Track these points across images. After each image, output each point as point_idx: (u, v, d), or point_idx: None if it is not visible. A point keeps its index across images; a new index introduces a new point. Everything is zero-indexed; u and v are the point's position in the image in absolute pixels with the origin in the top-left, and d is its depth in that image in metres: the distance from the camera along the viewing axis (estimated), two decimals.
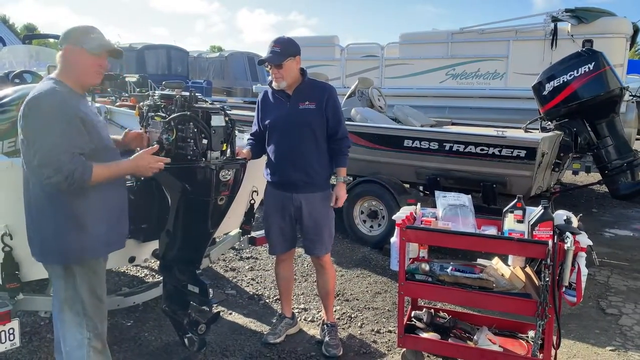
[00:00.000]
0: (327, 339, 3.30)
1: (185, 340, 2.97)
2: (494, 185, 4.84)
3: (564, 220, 2.73)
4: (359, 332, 3.59)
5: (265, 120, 3.17)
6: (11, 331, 2.45)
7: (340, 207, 3.21)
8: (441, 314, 3.23)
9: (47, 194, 2.14)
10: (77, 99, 2.22)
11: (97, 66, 2.28)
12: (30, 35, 14.56)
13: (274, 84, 3.11)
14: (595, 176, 6.30)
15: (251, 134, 3.31)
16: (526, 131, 5.49)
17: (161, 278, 3.15)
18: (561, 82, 5.05)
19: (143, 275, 4.51)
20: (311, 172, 3.12)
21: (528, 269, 2.97)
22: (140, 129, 2.74)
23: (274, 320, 3.54)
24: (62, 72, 2.25)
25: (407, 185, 5.54)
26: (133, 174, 2.33)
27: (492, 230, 2.97)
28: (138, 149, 2.56)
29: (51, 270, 2.28)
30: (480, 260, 3.11)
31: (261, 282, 4.43)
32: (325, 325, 3.40)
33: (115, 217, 2.34)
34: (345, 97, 6.74)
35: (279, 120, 3.11)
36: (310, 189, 3.14)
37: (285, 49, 3.02)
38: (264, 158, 3.27)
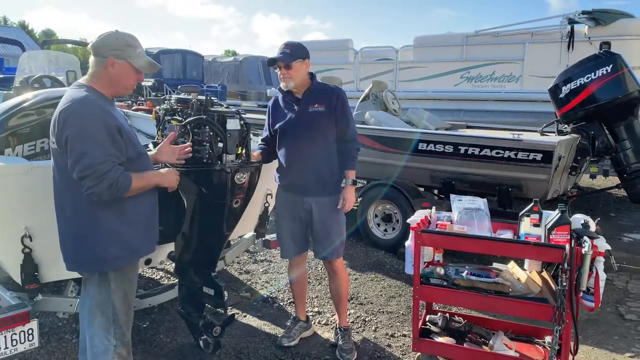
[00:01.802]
0: (340, 343, 3.29)
1: (201, 342, 3.00)
2: (510, 189, 4.80)
3: (582, 225, 2.70)
4: (373, 336, 3.58)
5: (275, 125, 3.19)
6: (30, 331, 2.49)
7: (348, 210, 3.19)
8: (456, 318, 3.20)
9: (79, 202, 2.13)
10: (110, 107, 2.21)
11: (137, 81, 2.30)
12: (48, 40, 14.83)
13: (282, 85, 3.12)
14: (614, 180, 6.20)
15: (262, 139, 3.33)
16: (542, 134, 5.43)
17: (177, 280, 3.18)
18: (578, 84, 4.98)
19: (159, 277, 4.55)
20: (321, 175, 3.12)
21: (545, 274, 2.94)
22: (157, 134, 2.78)
23: (288, 323, 3.55)
24: (98, 79, 2.22)
25: (421, 189, 5.52)
26: (164, 185, 2.37)
27: (508, 234, 2.95)
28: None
29: (87, 275, 2.29)
30: (496, 265, 3.09)
31: (275, 284, 4.44)
32: (338, 330, 3.39)
33: (146, 223, 2.34)
34: (359, 100, 6.75)
35: (288, 124, 3.13)
36: (320, 192, 3.14)
37: (295, 51, 3.05)
38: (277, 160, 3.29)
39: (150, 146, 2.71)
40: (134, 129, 2.49)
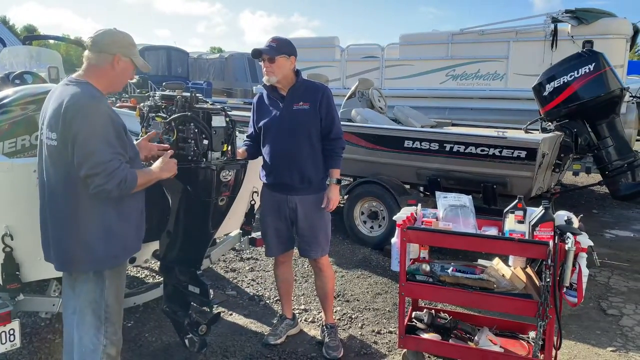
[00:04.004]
0: (327, 340, 3.30)
1: (186, 341, 2.97)
2: (495, 186, 4.84)
3: (565, 221, 2.73)
4: (359, 332, 3.59)
5: (260, 122, 3.17)
6: (11, 332, 2.45)
7: (332, 210, 3.18)
8: (442, 314, 3.22)
9: (79, 203, 2.11)
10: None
11: (131, 77, 2.34)
12: (30, 36, 14.57)
13: (264, 79, 3.09)
14: (596, 177, 6.30)
15: (247, 136, 3.32)
16: (526, 132, 5.49)
17: (162, 279, 3.15)
18: (561, 82, 5.05)
19: (143, 276, 4.51)
20: (306, 173, 3.10)
21: (529, 270, 2.97)
22: (141, 131, 2.75)
23: (275, 321, 3.54)
24: (97, 76, 2.19)
25: (407, 186, 5.54)
26: (165, 178, 2.38)
27: (492, 231, 2.97)
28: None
29: (78, 274, 2.25)
30: (481, 261, 3.12)
31: (261, 282, 4.43)
32: (325, 327, 3.40)
33: (138, 221, 2.35)
34: (346, 98, 6.75)
35: (273, 122, 3.11)
36: (305, 190, 3.13)
37: (281, 46, 3.03)
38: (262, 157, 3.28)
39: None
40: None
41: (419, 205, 3.22)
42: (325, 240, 3.25)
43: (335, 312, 3.81)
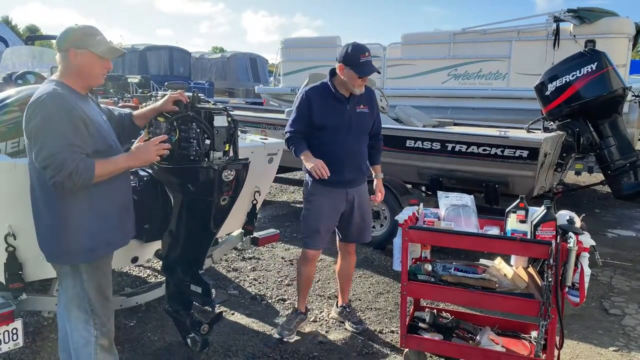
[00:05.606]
0: (350, 317, 3.60)
1: (188, 341, 2.98)
2: (497, 186, 4.84)
3: (567, 221, 2.73)
4: (361, 332, 3.59)
5: (323, 120, 3.20)
6: (14, 331, 2.46)
7: (380, 201, 3.54)
8: (444, 314, 3.23)
9: (50, 195, 2.14)
10: (79, 100, 2.21)
11: (104, 69, 2.29)
12: (32, 36, 14.61)
13: (356, 90, 3.17)
14: (598, 176, 6.29)
15: (294, 131, 3.24)
16: (528, 131, 5.47)
17: (164, 278, 3.16)
18: (564, 82, 5.04)
19: (146, 275, 4.51)
20: (363, 168, 3.40)
21: (531, 269, 2.97)
22: (144, 131, 2.76)
23: (287, 315, 3.58)
24: (66, 74, 2.23)
25: (409, 186, 5.54)
26: (136, 166, 2.35)
27: (494, 231, 2.97)
28: (133, 141, 2.57)
29: (59, 268, 2.29)
30: (482, 261, 3.12)
31: (263, 282, 4.43)
32: (345, 307, 3.64)
33: (119, 215, 2.34)
34: None
35: (341, 123, 3.21)
36: (360, 182, 3.40)
37: None
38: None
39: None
40: (108, 124, 2.43)
41: (421, 204, 3.22)
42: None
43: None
